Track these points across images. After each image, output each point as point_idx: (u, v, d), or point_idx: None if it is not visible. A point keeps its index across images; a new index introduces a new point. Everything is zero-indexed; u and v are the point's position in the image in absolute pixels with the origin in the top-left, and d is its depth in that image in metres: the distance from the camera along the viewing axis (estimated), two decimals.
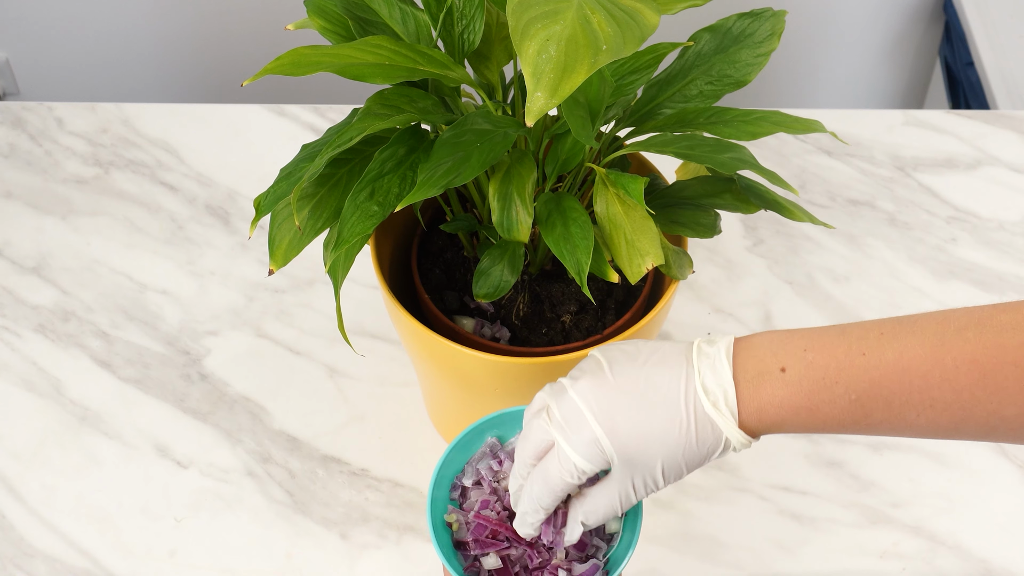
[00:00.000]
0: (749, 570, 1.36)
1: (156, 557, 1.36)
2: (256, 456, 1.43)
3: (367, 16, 1.14)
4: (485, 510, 1.12)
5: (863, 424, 0.96)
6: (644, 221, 1.08)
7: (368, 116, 1.04)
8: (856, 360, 0.95)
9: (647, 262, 1.07)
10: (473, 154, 1.05)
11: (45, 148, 1.74)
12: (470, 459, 1.16)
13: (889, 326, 0.96)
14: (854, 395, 0.95)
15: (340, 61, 1.02)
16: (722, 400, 0.97)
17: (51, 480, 1.42)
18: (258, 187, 1.68)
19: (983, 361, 0.91)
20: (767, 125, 1.16)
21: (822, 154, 1.75)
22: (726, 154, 1.14)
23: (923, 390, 0.93)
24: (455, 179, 1.03)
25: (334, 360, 1.51)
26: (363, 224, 1.05)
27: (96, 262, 1.61)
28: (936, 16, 2.66)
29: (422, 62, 1.06)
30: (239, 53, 2.65)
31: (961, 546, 1.38)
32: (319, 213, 1.10)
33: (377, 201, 1.06)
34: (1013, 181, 1.73)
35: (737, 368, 0.98)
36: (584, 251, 1.06)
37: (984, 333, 0.92)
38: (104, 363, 1.51)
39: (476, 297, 1.16)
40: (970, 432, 0.94)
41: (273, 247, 1.11)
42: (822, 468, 1.43)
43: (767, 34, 1.20)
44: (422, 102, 1.09)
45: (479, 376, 1.23)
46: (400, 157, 1.08)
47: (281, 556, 1.36)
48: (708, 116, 1.18)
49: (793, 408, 0.96)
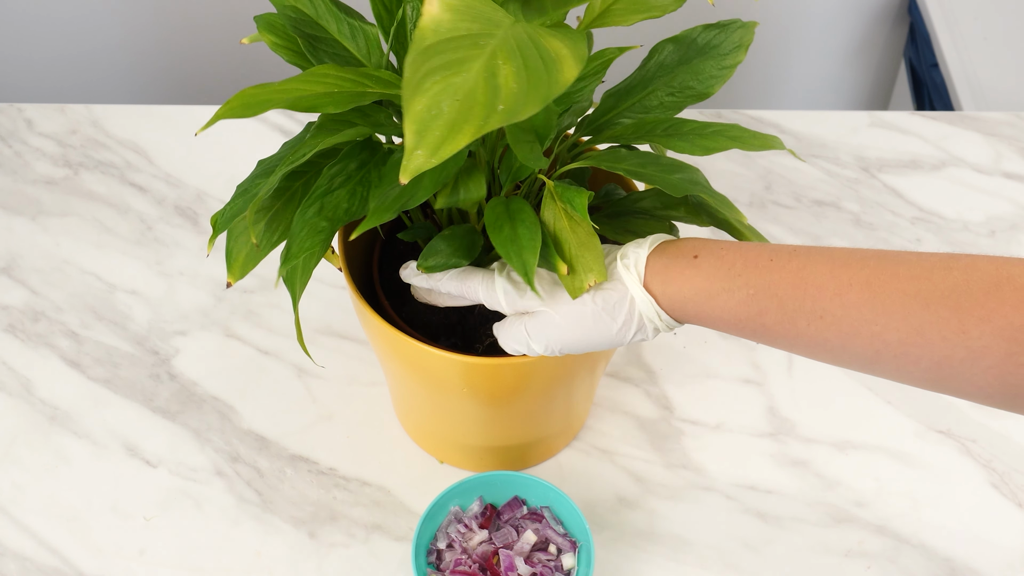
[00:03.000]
0: (715, 569, 1.37)
1: (126, 556, 1.36)
2: (225, 455, 1.44)
3: (315, 32, 1.14)
4: (459, 567, 1.32)
5: (756, 324, 1.01)
6: (589, 237, 1.08)
7: (321, 132, 1.04)
8: (762, 263, 1.01)
9: (589, 278, 1.06)
10: (425, 175, 1.04)
11: (15, 149, 1.74)
12: (439, 526, 1.35)
13: (805, 248, 1.01)
14: (752, 290, 1.00)
15: (290, 96, 0.99)
16: (632, 264, 1.05)
17: (21, 479, 1.42)
18: (227, 188, 1.68)
19: (875, 284, 0.95)
20: (723, 140, 1.14)
21: (787, 155, 1.76)
22: (676, 175, 1.12)
23: (816, 300, 0.97)
24: (408, 202, 1.03)
25: (302, 360, 1.52)
26: (311, 240, 1.05)
27: (65, 262, 1.61)
28: (901, 18, 2.67)
29: (370, 84, 1.04)
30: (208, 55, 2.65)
31: (925, 545, 1.39)
32: (275, 226, 1.09)
33: (326, 217, 1.05)
34: (977, 182, 1.75)
35: (656, 250, 1.07)
36: (531, 252, 1.05)
37: (883, 263, 0.96)
38: (73, 363, 1.51)
39: (418, 266, 1.14)
40: (856, 354, 0.97)
41: (230, 260, 1.11)
42: (787, 467, 1.44)
43: (734, 46, 1.18)
44: (375, 116, 1.08)
45: (446, 376, 1.23)
46: (350, 172, 1.07)
47: (250, 555, 1.37)
48: (665, 127, 1.16)
49: (694, 288, 1.03)
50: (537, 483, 1.34)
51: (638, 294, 1.05)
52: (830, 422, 1.48)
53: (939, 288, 0.92)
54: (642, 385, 1.51)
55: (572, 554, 1.33)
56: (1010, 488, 1.43)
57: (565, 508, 1.33)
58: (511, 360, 1.18)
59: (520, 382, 1.24)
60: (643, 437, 1.47)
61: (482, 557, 1.32)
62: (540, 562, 1.32)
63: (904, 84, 2.67)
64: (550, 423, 1.38)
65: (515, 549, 1.32)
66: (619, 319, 1.06)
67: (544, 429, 1.39)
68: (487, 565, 1.32)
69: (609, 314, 1.06)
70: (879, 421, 1.49)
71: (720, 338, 1.55)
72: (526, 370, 1.20)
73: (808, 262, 0.99)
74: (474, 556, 1.33)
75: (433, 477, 1.43)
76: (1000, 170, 1.76)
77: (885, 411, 1.49)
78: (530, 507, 1.36)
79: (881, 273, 0.95)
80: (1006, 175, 1.76)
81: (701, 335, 1.55)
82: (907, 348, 0.94)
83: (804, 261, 0.99)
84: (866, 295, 0.95)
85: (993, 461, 1.45)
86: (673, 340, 1.55)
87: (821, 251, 1.00)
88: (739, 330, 1.03)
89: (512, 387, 1.25)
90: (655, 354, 1.53)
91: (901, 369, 0.96)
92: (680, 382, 1.51)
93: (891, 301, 0.94)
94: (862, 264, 0.97)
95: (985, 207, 1.72)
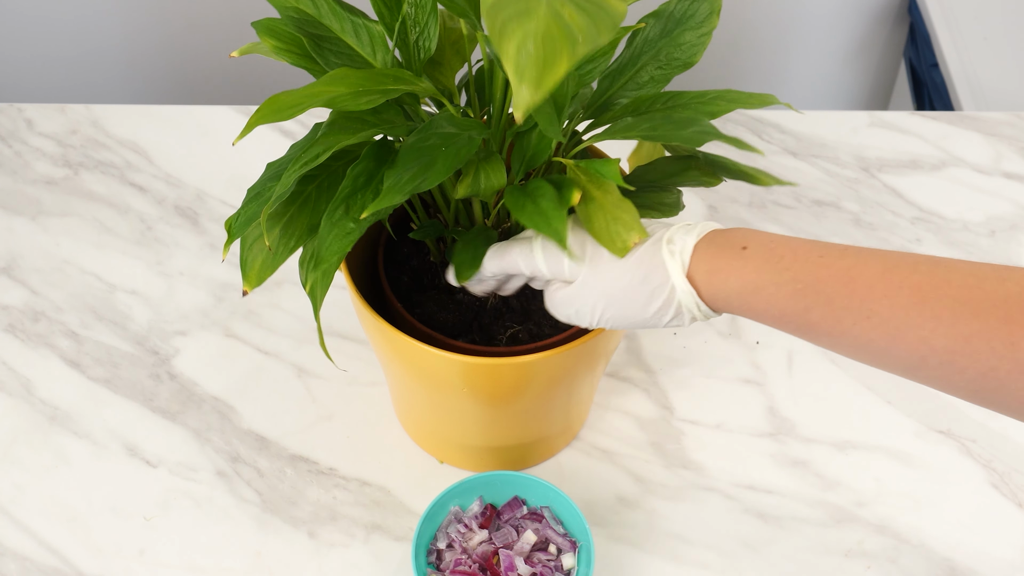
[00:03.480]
0: (715, 568, 1.37)
1: (126, 556, 1.36)
2: (225, 455, 1.44)
3: (320, 32, 1.14)
4: (459, 567, 1.32)
5: (801, 320, 1.01)
6: (621, 201, 1.09)
7: (334, 131, 1.04)
8: (812, 258, 1.00)
9: (632, 236, 1.07)
10: (438, 158, 1.04)
11: (15, 149, 1.74)
12: (439, 526, 1.35)
13: (855, 248, 1.01)
14: (800, 284, 1.00)
15: (321, 97, 1.01)
16: (678, 251, 1.05)
17: (21, 479, 1.42)
18: (226, 188, 1.68)
19: (926, 288, 0.94)
20: (723, 103, 1.18)
21: (787, 155, 1.77)
22: (688, 129, 1.15)
23: (864, 300, 0.97)
24: (422, 183, 1.03)
25: (302, 360, 1.52)
26: (341, 242, 1.05)
27: (66, 262, 1.61)
28: (901, 18, 2.67)
29: (390, 82, 1.06)
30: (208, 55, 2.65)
31: (925, 544, 1.39)
32: (291, 232, 1.09)
33: (353, 218, 1.06)
34: (977, 182, 1.75)
35: (704, 239, 1.06)
36: (558, 219, 1.05)
37: (936, 268, 0.96)
38: (73, 363, 1.51)
39: (459, 281, 1.16)
40: (900, 358, 0.96)
41: (246, 269, 1.11)
42: (787, 467, 1.45)
43: (707, 13, 1.21)
44: (386, 113, 1.09)
45: (446, 376, 1.23)
46: (371, 172, 1.08)
47: (250, 555, 1.37)
48: (664, 101, 1.19)
49: (741, 279, 1.02)
50: (537, 483, 1.34)
51: (680, 284, 1.05)
52: (830, 422, 1.48)
53: (991, 298, 0.91)
54: (642, 385, 1.51)
55: (572, 554, 1.33)
56: (1010, 488, 1.43)
57: (565, 508, 1.33)
58: (511, 360, 1.18)
59: (520, 382, 1.24)
60: (643, 437, 1.47)
61: (482, 557, 1.32)
62: (540, 562, 1.32)
63: (904, 84, 2.68)
64: (550, 423, 1.38)
65: (515, 549, 1.33)
66: (656, 303, 1.06)
67: (544, 429, 1.39)
68: (487, 565, 1.32)
69: (647, 295, 1.06)
70: (879, 421, 1.49)
71: (720, 338, 1.55)
72: (526, 370, 1.20)
73: (858, 262, 0.99)
74: (474, 556, 1.33)
75: (433, 477, 1.43)
76: (1000, 170, 1.77)
77: (885, 411, 1.49)
78: (530, 507, 1.36)
79: (932, 278, 0.95)
80: (1006, 175, 1.76)
81: (701, 335, 1.55)
82: (953, 356, 0.93)
83: (854, 260, 0.99)
84: (916, 299, 0.94)
85: (993, 461, 1.45)
86: (673, 340, 1.55)
87: (872, 252, 1.00)
88: (782, 324, 1.03)
89: (512, 387, 1.25)
90: (655, 354, 1.53)
91: (945, 377, 0.95)
92: (680, 382, 1.51)
93: (941, 307, 0.93)
94: (913, 268, 0.96)
95: (985, 207, 1.72)
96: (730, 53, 2.70)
